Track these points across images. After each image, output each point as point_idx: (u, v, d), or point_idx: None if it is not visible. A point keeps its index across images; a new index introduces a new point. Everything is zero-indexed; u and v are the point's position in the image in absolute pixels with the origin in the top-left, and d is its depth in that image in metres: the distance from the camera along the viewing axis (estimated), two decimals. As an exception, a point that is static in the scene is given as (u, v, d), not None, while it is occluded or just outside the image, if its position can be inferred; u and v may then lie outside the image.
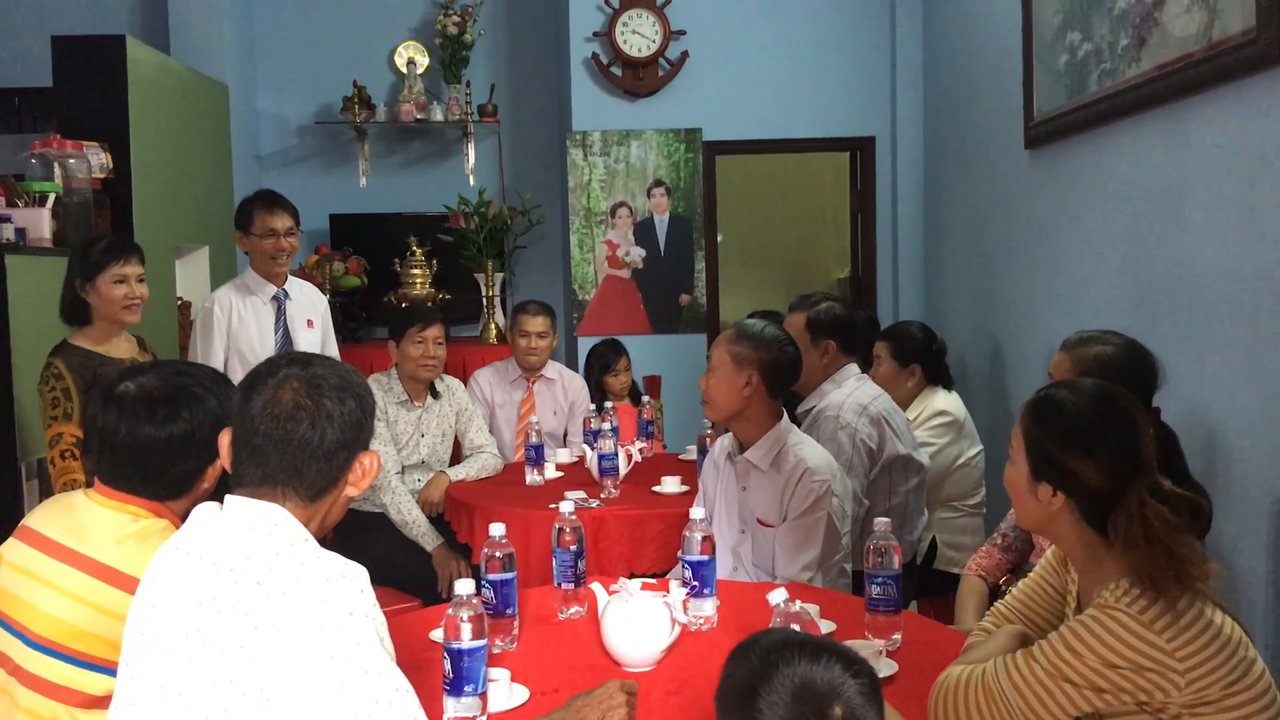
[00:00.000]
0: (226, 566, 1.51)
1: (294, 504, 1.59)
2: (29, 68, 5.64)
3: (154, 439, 1.95)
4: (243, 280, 4.10)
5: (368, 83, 6.22)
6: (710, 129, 5.84)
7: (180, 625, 1.51)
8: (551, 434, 4.54)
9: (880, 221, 5.96)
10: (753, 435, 2.88)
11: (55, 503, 2.05)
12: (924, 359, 3.90)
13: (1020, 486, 1.82)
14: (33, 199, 3.77)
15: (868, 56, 5.85)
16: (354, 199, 6.35)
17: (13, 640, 1.92)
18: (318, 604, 1.46)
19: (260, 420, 1.58)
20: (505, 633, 2.21)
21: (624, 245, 5.86)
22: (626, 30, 5.69)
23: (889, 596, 2.19)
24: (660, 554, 3.36)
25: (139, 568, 1.74)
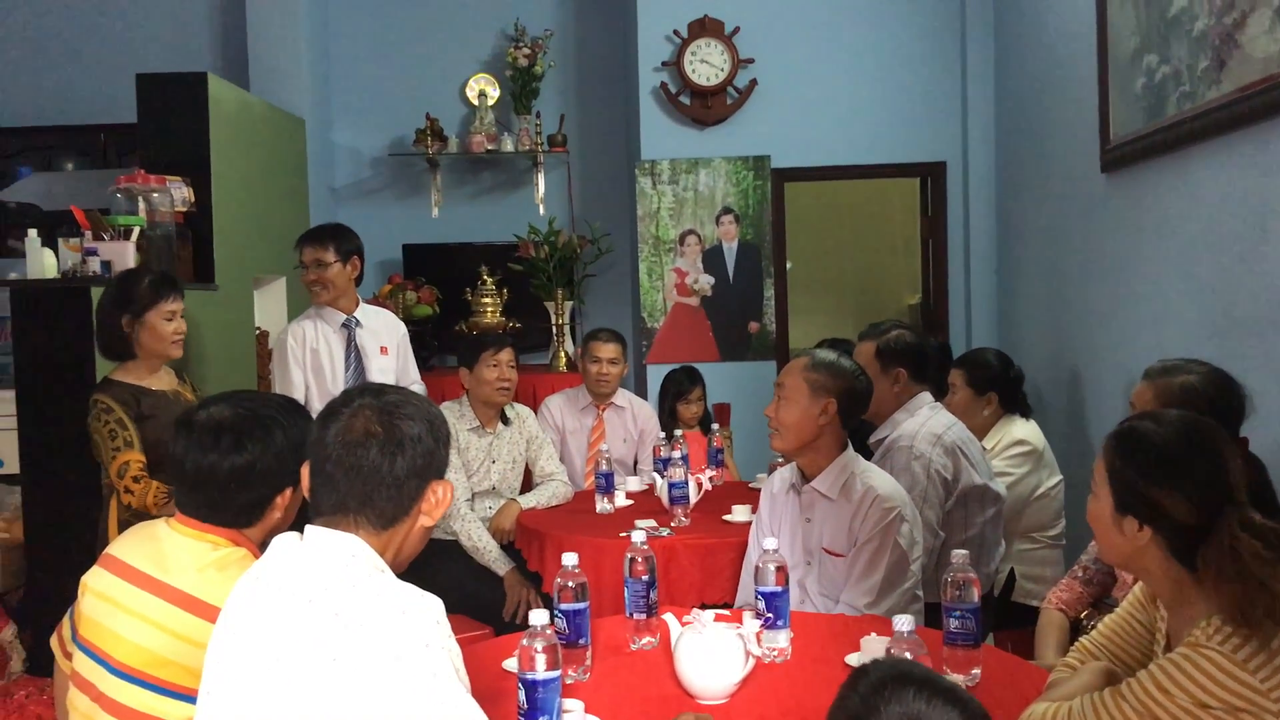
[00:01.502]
0: (305, 597, 1.53)
1: (367, 532, 1.60)
2: (115, 105, 5.81)
3: (217, 468, 1.97)
4: (316, 310, 4.19)
5: (440, 115, 6.32)
6: (779, 156, 5.83)
7: (260, 655, 1.53)
8: (621, 462, 4.54)
9: (952, 247, 5.90)
10: (819, 464, 2.85)
11: (138, 531, 2.09)
12: (1000, 387, 3.84)
13: (1105, 521, 1.77)
14: (118, 232, 3.87)
15: (938, 81, 5.81)
16: (426, 229, 6.44)
17: (96, 667, 1.95)
18: (394, 635, 1.47)
19: (332, 448, 1.61)
20: (578, 663, 2.20)
21: (693, 273, 5.86)
22: (695, 59, 5.72)
23: (968, 630, 2.15)
24: (731, 584, 3.33)
25: (219, 596, 1.76)
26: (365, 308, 4.28)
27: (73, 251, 3.79)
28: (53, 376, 3.65)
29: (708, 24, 5.73)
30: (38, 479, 3.66)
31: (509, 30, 6.37)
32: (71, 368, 3.61)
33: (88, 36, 6.45)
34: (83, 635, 2.00)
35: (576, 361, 5.42)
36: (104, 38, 6.43)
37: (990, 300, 5.76)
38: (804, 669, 2.24)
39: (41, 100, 6.39)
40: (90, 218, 3.89)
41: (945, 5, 5.78)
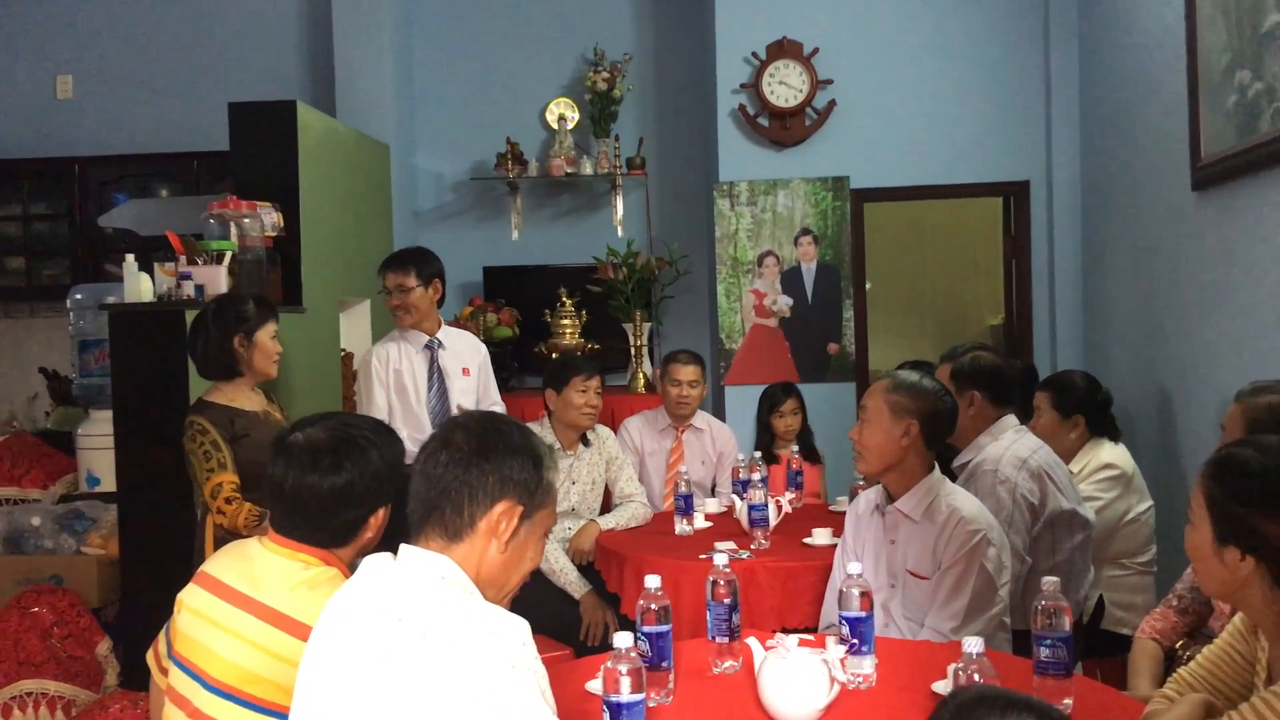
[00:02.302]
0: (395, 616, 1.55)
1: (458, 553, 1.63)
2: (207, 133, 5.99)
3: (318, 488, 2.02)
4: (400, 332, 4.26)
5: (520, 139, 6.40)
6: (858, 176, 5.80)
7: (351, 673, 1.55)
8: (699, 484, 4.53)
9: (1036, 267, 5.80)
10: (904, 486, 2.82)
11: (232, 550, 2.14)
12: (1088, 409, 3.76)
13: (1204, 552, 1.73)
14: (211, 257, 3.97)
15: (1021, 98, 5.73)
16: (506, 251, 6.51)
17: (191, 683, 2.00)
18: (481, 657, 1.49)
19: (421, 471, 1.65)
20: (661, 686, 2.20)
21: (771, 294, 5.84)
22: (773, 81, 5.72)
23: (1059, 659, 2.10)
24: (813, 607, 3.30)
25: (310, 614, 1.80)
26: (447, 329, 4.34)
27: (168, 276, 3.89)
28: (148, 397, 3.75)
29: (786, 45, 5.73)
30: (133, 496, 3.76)
31: (589, 55, 6.44)
32: (166, 388, 3.70)
33: (182, 67, 6.66)
34: (178, 651, 2.05)
35: (655, 383, 5.44)
36: (197, 68, 6.64)
37: (1075, 321, 5.65)
38: (889, 696, 2.21)
39: (137, 129, 6.62)
40: (185, 243, 3.99)
41: (1028, 21, 5.71)
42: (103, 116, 6.69)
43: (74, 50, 6.75)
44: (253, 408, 3.37)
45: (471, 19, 6.65)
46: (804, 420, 4.83)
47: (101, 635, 3.89)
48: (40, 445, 4.83)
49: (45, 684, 3.66)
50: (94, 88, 6.74)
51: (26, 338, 6.75)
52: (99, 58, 6.73)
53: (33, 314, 6.73)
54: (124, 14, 6.71)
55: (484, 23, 6.65)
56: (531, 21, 6.63)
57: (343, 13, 6.10)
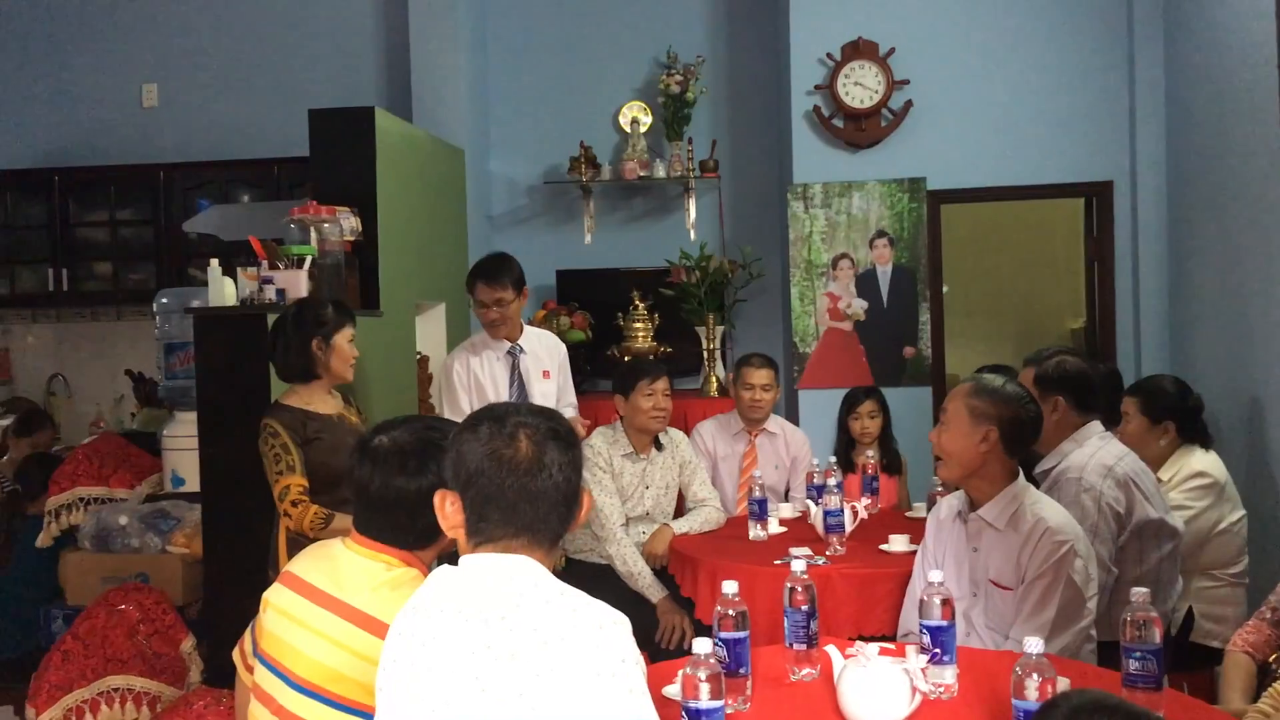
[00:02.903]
0: (497, 615, 1.55)
1: (539, 554, 1.64)
2: (288, 139, 6.08)
3: (404, 490, 2.04)
4: (481, 337, 4.29)
5: (593, 142, 6.42)
6: (935, 178, 5.72)
7: (452, 676, 1.55)
8: (772, 488, 4.49)
9: (1119, 269, 5.66)
10: (987, 493, 2.77)
11: (316, 550, 2.17)
12: (1178, 415, 3.65)
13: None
14: (292, 261, 4.03)
15: (1104, 97, 5.60)
16: (579, 255, 6.53)
17: (277, 681, 2.03)
18: (594, 650, 1.50)
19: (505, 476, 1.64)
20: (739, 693, 2.18)
21: (845, 297, 5.78)
22: (848, 82, 5.66)
23: (1149, 673, 2.05)
24: (890, 615, 3.26)
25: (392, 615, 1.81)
26: (529, 331, 4.35)
27: (250, 280, 3.95)
28: (231, 399, 3.81)
29: (862, 46, 5.67)
30: (216, 496, 3.82)
31: (661, 58, 6.44)
32: (249, 390, 3.75)
33: (263, 74, 6.79)
34: (264, 649, 2.08)
35: (728, 386, 5.40)
36: (278, 75, 6.76)
37: (1161, 325, 5.51)
38: (971, 707, 2.17)
39: (219, 135, 6.75)
40: (266, 248, 4.05)
41: (1110, 15, 5.58)
42: (186, 124, 6.85)
43: (159, 59, 6.91)
44: (328, 411, 3.41)
45: (545, 23, 6.69)
46: (885, 425, 4.73)
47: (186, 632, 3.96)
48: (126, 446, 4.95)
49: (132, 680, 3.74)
50: (178, 96, 6.90)
51: (113, 341, 6.94)
52: (183, 66, 6.88)
53: (119, 317, 6.91)
54: (206, 23, 6.87)
55: (557, 27, 6.68)
56: (604, 25, 6.65)
57: (419, 20, 6.17)
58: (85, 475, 4.61)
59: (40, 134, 6.96)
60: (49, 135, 6.95)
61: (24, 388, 6.98)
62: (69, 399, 6.93)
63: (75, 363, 7.00)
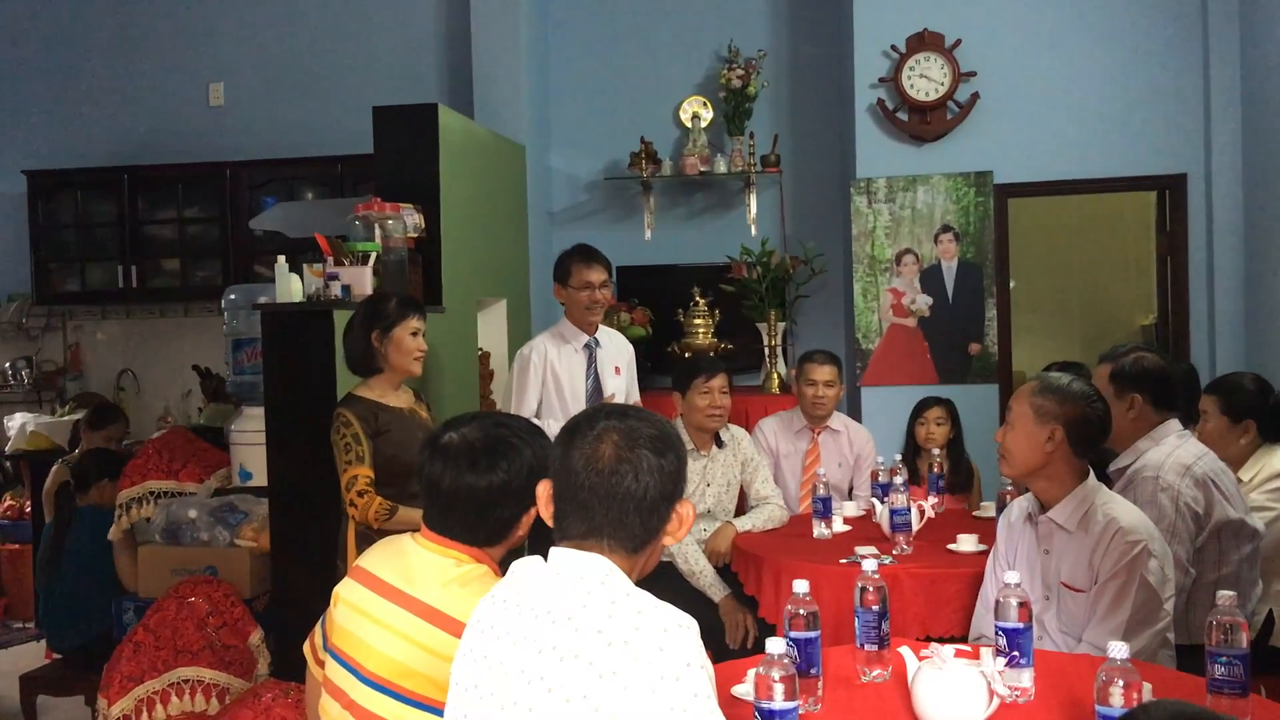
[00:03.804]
0: (564, 615, 1.54)
1: (618, 556, 1.62)
2: (351, 136, 6.13)
3: (475, 487, 2.04)
4: (558, 329, 4.34)
5: (654, 138, 6.40)
6: (1002, 171, 5.62)
7: (519, 674, 1.55)
8: (836, 487, 4.44)
9: (1193, 265, 5.53)
10: (1056, 494, 2.71)
11: (387, 545, 2.17)
12: (1259, 414, 3.53)
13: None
14: (357, 258, 4.05)
15: (1177, 87, 5.47)
16: (639, 251, 6.51)
17: (348, 676, 2.04)
18: (659, 653, 1.48)
19: (584, 474, 1.62)
20: (810, 693, 2.15)
21: (909, 293, 5.71)
22: (914, 74, 5.59)
23: (1235, 678, 1.99)
24: (959, 615, 3.21)
25: (463, 611, 1.81)
26: (602, 329, 4.44)
27: (316, 276, 3.98)
28: (299, 394, 3.84)
29: (927, 38, 5.59)
30: (284, 491, 3.86)
31: (722, 52, 6.40)
32: (315, 386, 3.78)
33: (326, 72, 6.86)
34: (335, 644, 2.09)
35: (789, 383, 5.36)
36: (341, 73, 6.83)
37: (1237, 322, 5.37)
38: (1049, 711, 2.12)
39: (284, 133, 6.83)
40: (332, 244, 4.08)
41: (1185, 5, 5.45)
42: (252, 122, 6.94)
43: (224, 59, 7.01)
44: (398, 404, 3.45)
45: (605, 19, 6.68)
46: (955, 433, 4.62)
47: (254, 625, 4.00)
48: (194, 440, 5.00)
49: (201, 671, 3.79)
50: (243, 94, 6.99)
51: (179, 337, 7.06)
52: (248, 65, 6.98)
53: (186, 314, 7.03)
54: (270, 22, 6.96)
55: (617, 23, 6.67)
56: (665, 20, 6.62)
57: (481, 17, 6.19)
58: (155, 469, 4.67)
59: (109, 133, 7.10)
60: (117, 134, 7.09)
61: (94, 383, 7.13)
62: (137, 394, 7.06)
63: (144, 358, 7.13)
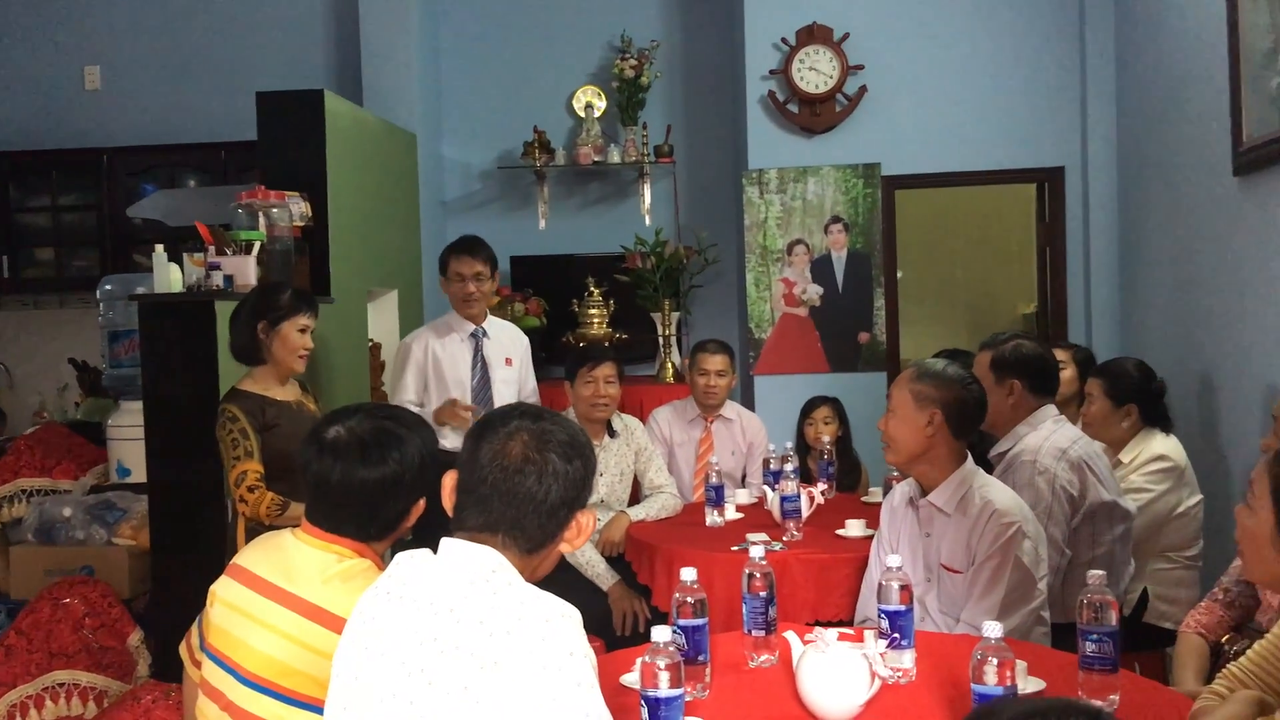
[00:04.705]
0: (445, 606, 1.53)
1: (511, 554, 1.61)
2: (234, 122, 5.97)
3: (367, 481, 2.00)
4: (445, 320, 4.32)
5: (547, 127, 6.36)
6: (889, 163, 5.73)
7: (400, 666, 1.52)
8: (729, 474, 4.48)
9: (1070, 255, 5.71)
10: (935, 478, 2.78)
11: (265, 541, 2.12)
12: (1141, 399, 3.65)
13: (1260, 539, 1.68)
14: (240, 247, 3.96)
15: (1055, 84, 5.64)
16: (533, 241, 6.48)
17: (226, 676, 1.99)
18: (540, 643, 1.47)
19: (488, 469, 1.61)
20: (697, 680, 2.16)
21: (801, 283, 5.78)
22: (803, 67, 5.65)
23: (1105, 654, 2.06)
24: (847, 600, 3.26)
25: (345, 607, 1.78)
26: (492, 319, 4.39)
27: (197, 266, 3.87)
28: (178, 387, 3.74)
29: (816, 31, 5.66)
30: (163, 488, 3.75)
31: (615, 42, 6.40)
32: (196, 379, 3.69)
33: (209, 56, 6.66)
34: (211, 644, 2.04)
35: (683, 373, 5.39)
36: (224, 57, 6.63)
37: (1112, 310, 5.57)
38: (930, 690, 2.17)
39: (164, 119, 6.61)
40: (213, 233, 3.98)
41: (1063, 4, 5.61)
42: (130, 107, 6.70)
43: (101, 41, 6.75)
44: (285, 397, 3.38)
45: (498, 7, 6.62)
46: (843, 431, 4.69)
47: (133, 626, 3.89)
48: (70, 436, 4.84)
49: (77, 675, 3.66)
50: (121, 78, 6.75)
51: (55, 328, 6.78)
52: (126, 48, 6.73)
53: (62, 305, 6.77)
54: (150, 4, 6.72)
55: (510, 11, 6.61)
56: (558, 9, 6.59)
57: (369, 1, 6.07)
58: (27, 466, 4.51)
59: (-21, 117, 6.79)
60: (-12, 119, 6.78)
61: (-36, 378, 6.83)
62: (11, 389, 6.77)
63: (17, 351, 6.83)
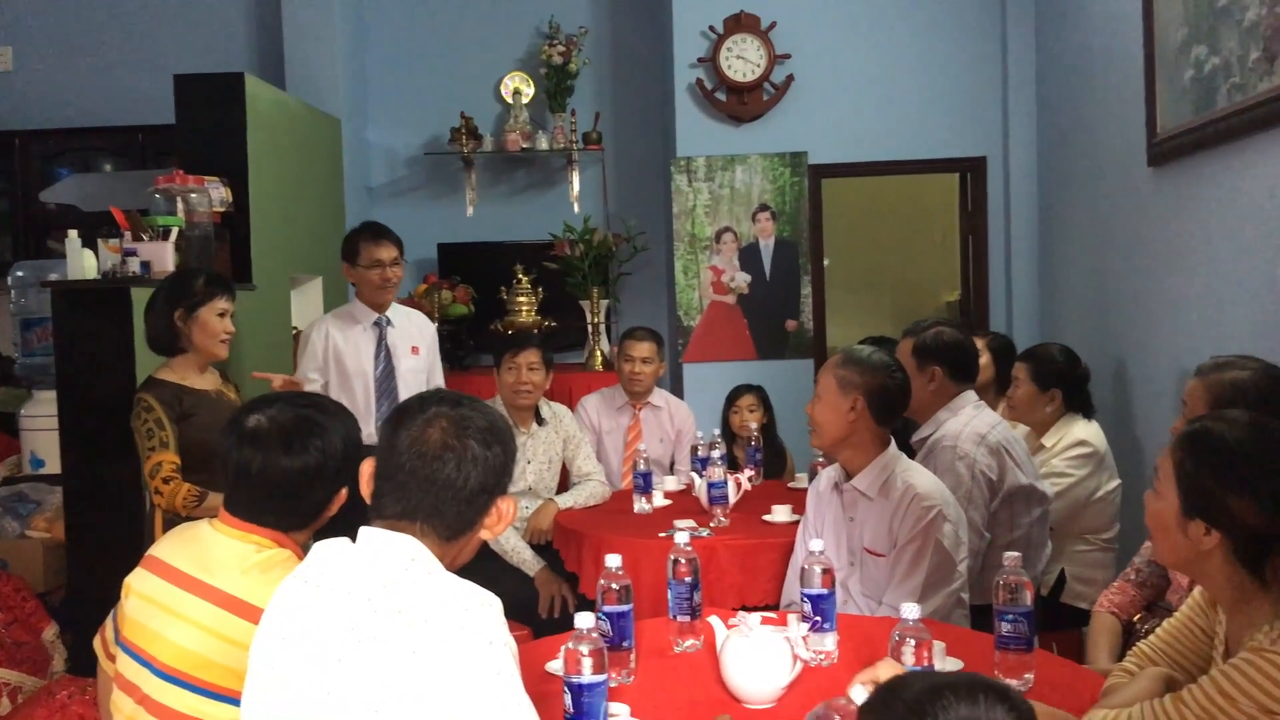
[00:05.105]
0: (364, 596, 1.51)
1: (430, 541, 1.60)
2: (151, 106, 5.83)
3: (289, 470, 1.97)
4: (348, 309, 4.23)
5: (475, 113, 6.31)
6: (816, 152, 5.78)
7: (318, 656, 1.51)
8: (658, 461, 4.49)
9: (992, 243, 5.82)
10: (859, 463, 2.82)
11: (181, 532, 2.08)
12: (1065, 384, 3.73)
13: (1167, 522, 1.72)
14: (157, 233, 3.88)
15: (978, 75, 5.73)
16: (461, 228, 6.43)
17: (140, 669, 1.95)
18: (459, 632, 1.46)
19: (406, 456, 1.60)
20: (622, 666, 2.17)
21: (729, 271, 5.82)
22: (731, 55, 5.68)
23: (1020, 634, 2.10)
24: (773, 585, 3.29)
25: (264, 598, 1.75)
26: (397, 307, 4.32)
27: (112, 252, 3.79)
28: (93, 376, 3.66)
29: (744, 19, 5.68)
30: (79, 479, 3.68)
31: (543, 28, 6.36)
32: (112, 368, 3.62)
33: (126, 38, 6.50)
34: (126, 637, 2.00)
35: (613, 361, 5.39)
36: (142, 39, 6.47)
37: (1032, 297, 5.68)
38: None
39: (79, 102, 6.44)
40: (129, 219, 3.90)
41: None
42: (44, 89, 6.50)
43: (13, 21, 6.55)
44: (204, 386, 3.31)
45: (424, -9, 6.54)
46: (768, 419, 4.74)
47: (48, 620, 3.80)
48: (-19, 427, 4.72)
49: (-10, 671, 3.59)
50: (34, 60, 6.55)
51: (-34, 317, 6.59)
52: (39, 28, 6.53)
53: (-28, 292, 6.57)
54: (65, -18, 6.53)
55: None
56: (485, -8, 6.53)
57: (292, -18, 5.98)
58: (-64, 458, 4.39)
59: (-117, 98, 6.54)
60: (-108, 100, 6.54)
61: None
62: (-81, 379, 6.56)
63: (-74, 340, 6.63)
